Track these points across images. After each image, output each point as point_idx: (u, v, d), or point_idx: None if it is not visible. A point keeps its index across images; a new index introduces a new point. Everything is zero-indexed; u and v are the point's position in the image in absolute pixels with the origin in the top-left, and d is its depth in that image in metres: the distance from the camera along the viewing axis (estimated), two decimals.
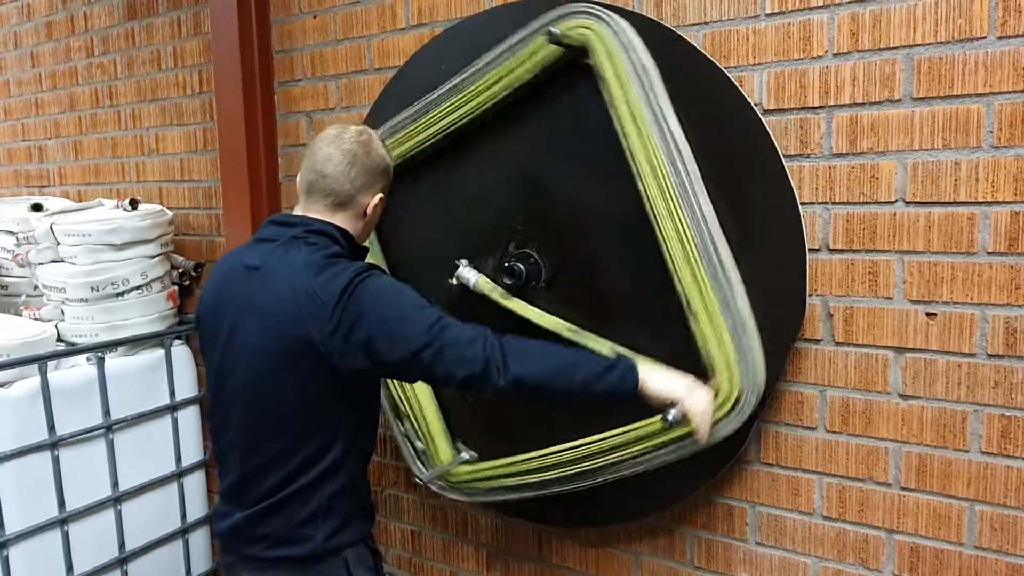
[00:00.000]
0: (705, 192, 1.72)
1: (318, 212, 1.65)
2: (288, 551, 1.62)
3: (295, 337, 1.52)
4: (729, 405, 1.70)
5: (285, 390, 1.57)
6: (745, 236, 1.74)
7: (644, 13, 1.89)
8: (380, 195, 1.69)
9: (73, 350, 2.52)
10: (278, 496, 1.61)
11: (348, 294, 1.51)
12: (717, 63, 1.78)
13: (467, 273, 2.06)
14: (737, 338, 1.69)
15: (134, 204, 2.73)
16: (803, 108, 1.72)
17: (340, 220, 1.65)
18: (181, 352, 2.84)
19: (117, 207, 2.74)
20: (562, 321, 1.91)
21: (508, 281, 2.01)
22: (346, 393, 1.61)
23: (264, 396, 1.59)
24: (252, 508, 1.63)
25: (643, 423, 1.76)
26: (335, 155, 1.62)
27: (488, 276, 2.05)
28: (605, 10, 1.81)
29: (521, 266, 2.02)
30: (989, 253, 1.56)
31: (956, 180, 1.58)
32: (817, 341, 1.76)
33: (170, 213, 2.89)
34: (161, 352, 2.74)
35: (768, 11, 1.73)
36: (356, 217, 1.67)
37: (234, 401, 1.64)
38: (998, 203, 1.54)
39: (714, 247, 1.71)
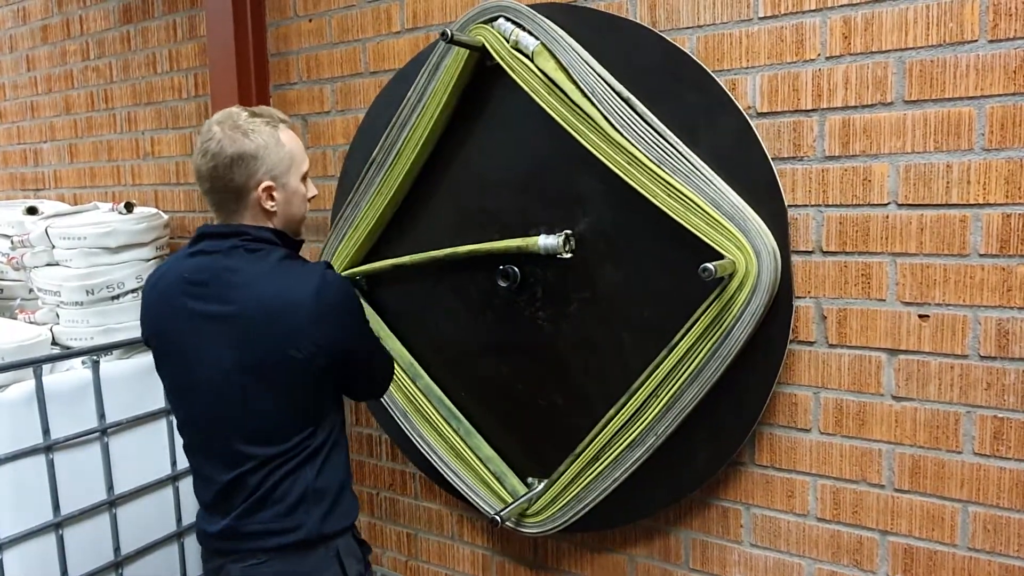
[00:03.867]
0: None
1: (239, 219, 1.61)
2: (283, 540, 1.61)
3: (272, 344, 1.52)
4: (751, 282, 1.67)
5: (266, 397, 1.56)
6: None
7: (638, 18, 1.90)
8: (268, 182, 1.58)
9: (68, 353, 2.51)
10: (263, 489, 1.59)
11: (320, 296, 1.54)
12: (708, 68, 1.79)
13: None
14: (739, 219, 1.70)
15: (129, 207, 2.73)
16: (796, 111, 1.72)
17: (260, 222, 1.61)
18: None
19: (112, 210, 2.74)
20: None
21: (502, 283, 2.02)
22: (326, 387, 1.62)
23: (243, 406, 1.57)
24: (239, 508, 1.61)
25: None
26: (203, 168, 1.57)
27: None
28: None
29: (517, 270, 2.02)
30: (981, 255, 1.57)
31: (948, 182, 1.58)
32: (811, 343, 1.77)
33: (165, 216, 2.89)
34: None
35: (761, 15, 1.74)
36: (267, 213, 1.61)
37: (207, 415, 1.62)
38: (990, 205, 1.55)
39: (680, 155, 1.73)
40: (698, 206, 1.70)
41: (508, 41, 1.94)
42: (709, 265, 1.56)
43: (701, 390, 1.76)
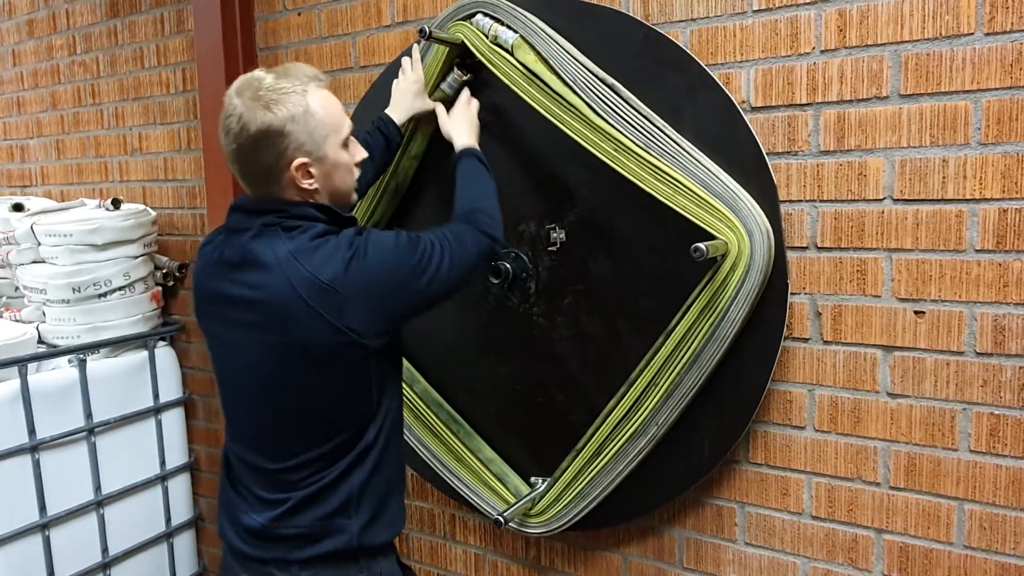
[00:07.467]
0: None
1: (274, 195, 1.46)
2: (321, 548, 1.49)
3: (310, 332, 1.39)
4: (744, 262, 1.65)
5: (306, 388, 1.44)
6: None
7: (630, 11, 1.87)
8: (301, 159, 1.40)
9: (54, 352, 2.48)
10: (311, 488, 1.47)
11: (348, 273, 1.38)
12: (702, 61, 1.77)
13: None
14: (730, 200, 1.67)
15: (117, 204, 2.70)
16: (790, 105, 1.70)
17: (301, 199, 1.46)
18: (165, 354, 2.80)
19: (99, 207, 2.71)
20: None
21: (494, 280, 1.99)
22: (373, 376, 1.48)
23: (282, 397, 1.46)
24: (284, 506, 1.49)
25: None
26: (227, 150, 1.43)
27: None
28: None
29: (509, 266, 2.00)
30: (977, 251, 1.56)
31: (944, 177, 1.57)
32: (805, 340, 1.75)
33: (153, 213, 2.85)
34: (144, 354, 2.71)
35: (755, 8, 1.72)
36: (306, 192, 1.45)
37: (247, 407, 1.53)
38: (986, 200, 1.53)
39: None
40: (688, 188, 1.68)
41: (487, 37, 1.92)
42: (700, 245, 1.54)
43: (701, 375, 1.73)
